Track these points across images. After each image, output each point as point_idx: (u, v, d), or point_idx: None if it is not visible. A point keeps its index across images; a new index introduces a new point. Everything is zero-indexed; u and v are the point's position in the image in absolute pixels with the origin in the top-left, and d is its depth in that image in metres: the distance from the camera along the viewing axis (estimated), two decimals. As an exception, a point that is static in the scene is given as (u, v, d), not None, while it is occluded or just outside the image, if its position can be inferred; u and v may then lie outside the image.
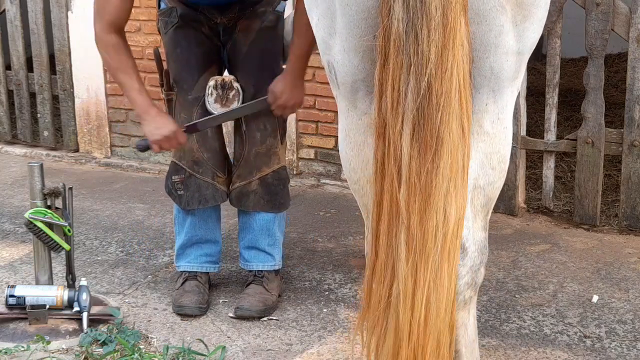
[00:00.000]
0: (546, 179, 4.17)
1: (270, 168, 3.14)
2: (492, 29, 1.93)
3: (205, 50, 3.11)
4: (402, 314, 1.88)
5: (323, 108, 4.68)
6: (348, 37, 1.99)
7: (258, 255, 3.21)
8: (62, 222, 2.96)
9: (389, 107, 1.86)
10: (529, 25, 2.00)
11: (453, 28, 1.80)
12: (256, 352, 2.84)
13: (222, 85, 3.05)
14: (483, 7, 1.90)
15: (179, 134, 3.00)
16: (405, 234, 1.86)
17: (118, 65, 2.98)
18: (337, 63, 2.06)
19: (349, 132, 2.15)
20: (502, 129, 2.08)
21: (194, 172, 3.12)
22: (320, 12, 2.08)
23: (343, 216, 4.24)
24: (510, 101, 2.10)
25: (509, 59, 1.99)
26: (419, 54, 1.81)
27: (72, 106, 5.34)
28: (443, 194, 1.84)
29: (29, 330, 2.93)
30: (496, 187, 2.12)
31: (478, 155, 2.07)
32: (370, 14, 1.92)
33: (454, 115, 1.83)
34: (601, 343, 2.88)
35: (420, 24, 1.80)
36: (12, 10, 5.35)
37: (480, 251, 2.10)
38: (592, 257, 3.64)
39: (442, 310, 1.89)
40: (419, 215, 1.85)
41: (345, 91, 2.10)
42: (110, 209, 4.40)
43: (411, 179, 1.84)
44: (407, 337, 1.88)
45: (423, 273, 1.86)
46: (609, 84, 5.63)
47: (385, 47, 1.85)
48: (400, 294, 1.88)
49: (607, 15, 3.79)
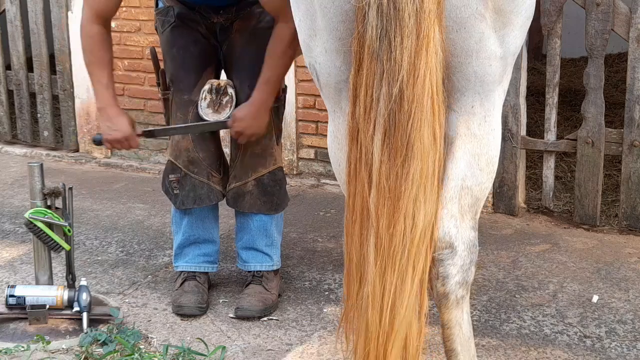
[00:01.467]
0: (546, 179, 4.17)
1: (267, 169, 3.14)
2: (472, 36, 1.95)
3: (202, 49, 3.11)
4: (371, 317, 1.91)
5: (323, 108, 4.67)
6: (329, 39, 2.01)
7: (256, 255, 3.21)
8: (62, 222, 2.96)
9: (362, 112, 1.89)
10: (509, 31, 2.02)
11: (426, 35, 1.83)
12: (256, 352, 2.84)
13: (216, 90, 3.04)
14: (461, 15, 1.92)
15: (132, 139, 3.01)
16: (374, 237, 1.90)
17: (93, 57, 2.99)
18: (319, 65, 2.08)
19: (336, 133, 2.17)
20: (489, 130, 2.10)
21: (189, 172, 3.12)
22: (302, 13, 2.09)
23: (343, 216, 4.22)
24: (497, 103, 2.11)
25: (492, 63, 2.01)
26: (391, 60, 1.83)
27: (72, 106, 5.34)
28: (412, 199, 1.87)
29: (29, 330, 2.93)
30: (484, 188, 2.14)
31: (466, 157, 2.08)
32: (348, 16, 1.94)
33: (425, 121, 1.85)
34: (601, 343, 2.88)
35: (393, 31, 1.82)
36: (12, 10, 5.35)
37: (469, 250, 2.11)
38: (592, 257, 3.64)
39: (405, 314, 1.90)
40: (387, 219, 1.88)
41: (329, 92, 2.12)
42: (110, 209, 4.40)
43: (381, 184, 1.87)
44: (374, 340, 1.91)
45: (390, 276, 1.89)
46: (609, 84, 5.63)
47: (360, 53, 1.88)
48: (369, 296, 1.91)
49: (607, 15, 3.79)
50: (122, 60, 5.14)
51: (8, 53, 5.49)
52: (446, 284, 2.08)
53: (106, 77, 2.99)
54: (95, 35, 2.96)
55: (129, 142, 3.02)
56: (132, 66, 5.13)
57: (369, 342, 1.92)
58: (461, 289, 2.11)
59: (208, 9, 3.05)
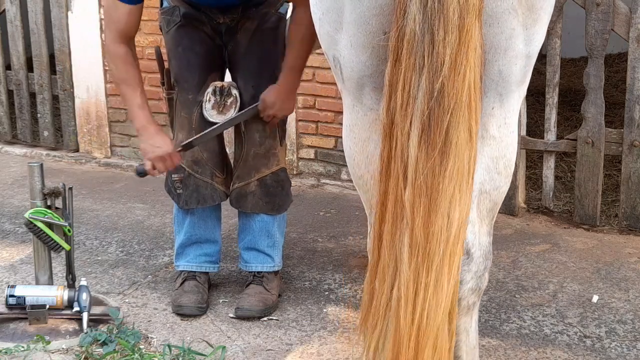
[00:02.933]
0: (546, 179, 4.17)
1: (270, 169, 3.14)
2: (504, 32, 1.92)
3: (207, 49, 3.11)
4: (403, 318, 1.86)
5: (323, 108, 4.68)
6: (356, 33, 1.97)
7: (258, 256, 3.21)
8: (62, 222, 2.96)
9: (399, 107, 1.85)
10: (539, 28, 1.99)
11: (469, 31, 1.79)
12: (256, 352, 2.84)
13: (220, 92, 3.05)
14: (497, 9, 1.89)
15: (174, 156, 2.99)
16: (408, 237, 1.84)
17: (123, 77, 2.97)
18: (343, 58, 2.04)
19: (353, 127, 2.14)
20: (508, 133, 2.07)
21: (193, 172, 3.12)
22: (326, 6, 2.05)
23: (343, 216, 4.24)
24: (516, 105, 2.08)
25: (517, 62, 1.98)
26: (433, 55, 1.79)
27: (72, 106, 5.34)
28: (448, 198, 1.83)
29: (29, 330, 2.93)
30: (502, 192, 2.11)
31: (484, 160, 2.05)
32: (383, 10, 1.90)
33: (463, 118, 1.82)
34: (601, 343, 2.88)
35: (437, 25, 1.78)
36: (12, 10, 5.35)
37: (485, 256, 2.09)
38: (592, 257, 3.64)
39: (441, 315, 1.87)
40: (423, 217, 1.82)
41: (351, 86, 2.08)
42: (110, 209, 4.40)
43: (417, 181, 1.82)
44: (406, 341, 1.87)
45: (424, 277, 1.84)
46: (609, 84, 5.63)
47: (398, 47, 1.84)
48: (401, 297, 1.86)
49: (607, 15, 3.79)
50: (122, 60, 5.13)
51: (8, 53, 5.49)
52: (459, 290, 2.05)
53: (139, 97, 2.96)
54: (122, 56, 2.94)
55: (171, 159, 2.98)
56: (132, 66, 5.12)
57: (399, 344, 1.87)
58: (473, 295, 2.10)
59: (213, 9, 3.06)
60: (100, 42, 5.14)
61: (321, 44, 2.15)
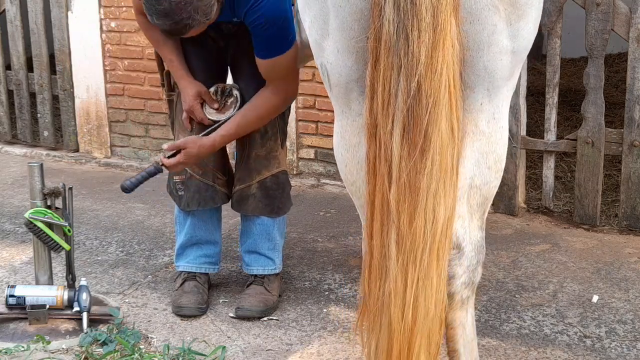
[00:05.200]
0: (546, 179, 4.17)
1: (270, 172, 3.14)
2: (485, 28, 1.94)
3: (209, 52, 3.11)
4: (393, 313, 1.90)
5: (323, 108, 4.68)
6: (341, 39, 2.01)
7: (259, 259, 3.21)
8: (62, 222, 2.96)
9: (380, 108, 1.88)
10: (524, 24, 2.01)
11: (443, 29, 1.82)
12: (256, 352, 2.84)
13: (222, 92, 3.05)
14: (475, 6, 1.91)
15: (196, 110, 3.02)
16: (395, 233, 1.88)
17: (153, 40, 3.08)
18: (330, 64, 2.08)
19: (344, 134, 2.16)
20: (498, 128, 2.09)
21: (195, 174, 3.12)
22: (314, 14, 2.09)
23: (343, 216, 4.24)
24: (506, 101, 2.10)
25: (503, 58, 2.00)
26: (409, 54, 1.83)
27: (72, 106, 5.34)
28: (432, 194, 1.86)
29: (29, 330, 2.93)
30: (492, 187, 2.13)
31: (474, 155, 2.07)
32: (363, 15, 1.93)
33: (443, 115, 1.85)
34: (601, 343, 2.88)
35: (410, 25, 1.82)
36: (12, 10, 5.35)
37: (477, 250, 2.10)
38: (592, 257, 3.64)
39: (431, 309, 1.90)
40: (408, 214, 1.87)
41: (339, 93, 2.11)
42: (110, 209, 4.40)
43: (401, 179, 1.86)
44: (398, 335, 1.90)
45: (412, 272, 1.88)
46: (609, 84, 5.63)
47: (377, 48, 1.87)
48: (391, 293, 1.90)
49: (607, 15, 3.79)
50: (122, 60, 5.14)
51: (8, 53, 5.49)
52: (452, 284, 2.07)
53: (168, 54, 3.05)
54: (143, 23, 3.03)
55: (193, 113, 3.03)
56: (132, 66, 5.13)
57: (392, 338, 1.91)
58: (467, 289, 2.11)
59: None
60: (100, 42, 5.14)
61: (313, 52, 2.18)
